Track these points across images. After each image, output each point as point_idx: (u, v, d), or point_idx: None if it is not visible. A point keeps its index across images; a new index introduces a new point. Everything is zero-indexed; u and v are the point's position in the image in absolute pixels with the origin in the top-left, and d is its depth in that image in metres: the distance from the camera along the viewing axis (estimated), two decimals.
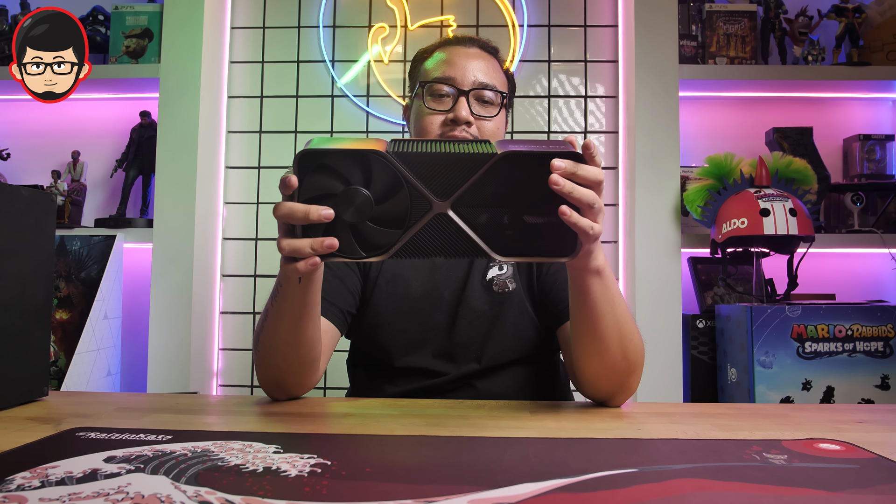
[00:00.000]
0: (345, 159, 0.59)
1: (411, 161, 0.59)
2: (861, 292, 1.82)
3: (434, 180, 0.59)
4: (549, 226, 0.61)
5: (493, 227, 0.61)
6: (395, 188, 0.60)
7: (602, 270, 0.73)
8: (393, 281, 0.99)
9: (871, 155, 1.79)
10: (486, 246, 0.60)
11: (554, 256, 0.63)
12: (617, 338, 0.77)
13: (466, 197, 0.60)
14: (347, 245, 0.61)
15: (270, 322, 0.79)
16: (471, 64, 0.98)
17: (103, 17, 1.86)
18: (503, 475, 0.48)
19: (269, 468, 0.49)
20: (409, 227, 0.60)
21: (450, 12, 1.91)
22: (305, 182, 0.60)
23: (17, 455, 0.53)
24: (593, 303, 0.74)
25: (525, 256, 0.62)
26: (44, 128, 1.95)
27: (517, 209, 0.61)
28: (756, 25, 1.80)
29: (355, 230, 0.60)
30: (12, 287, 0.75)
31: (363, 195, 0.59)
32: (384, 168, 0.59)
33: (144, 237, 1.75)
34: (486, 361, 0.96)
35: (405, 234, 0.60)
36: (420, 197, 0.60)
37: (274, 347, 0.80)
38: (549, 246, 0.62)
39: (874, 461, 0.54)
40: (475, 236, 0.60)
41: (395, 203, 0.60)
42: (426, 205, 0.60)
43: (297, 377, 0.83)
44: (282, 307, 0.77)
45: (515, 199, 0.61)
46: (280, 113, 1.92)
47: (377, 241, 0.60)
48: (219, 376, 1.88)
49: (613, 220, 1.85)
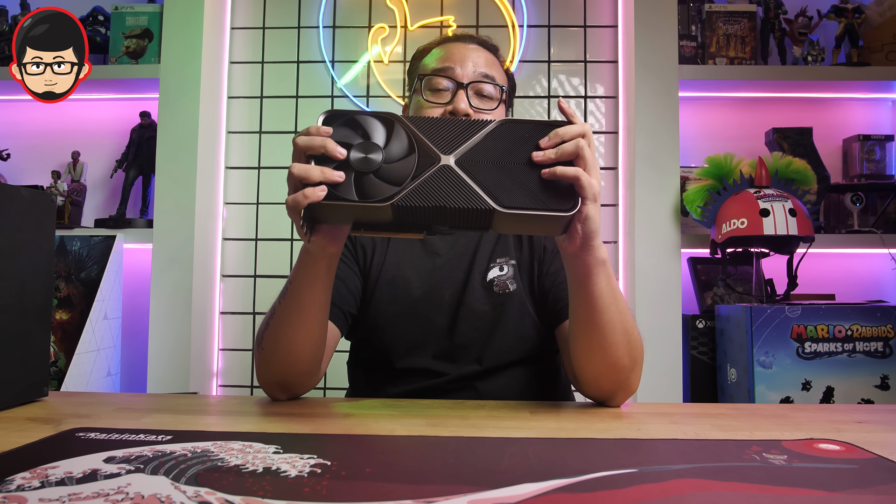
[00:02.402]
0: (363, 120, 0.67)
1: (421, 123, 0.67)
2: (861, 292, 1.82)
3: (440, 139, 0.66)
4: (547, 184, 0.66)
5: (495, 182, 0.65)
6: (406, 147, 0.66)
7: (606, 262, 0.74)
8: (393, 282, 0.99)
9: (871, 155, 1.79)
10: (489, 197, 0.64)
11: (554, 210, 0.65)
12: (621, 331, 0.77)
13: (470, 153, 0.66)
14: (357, 190, 0.65)
15: (277, 320, 0.80)
16: (470, 58, 0.98)
17: (103, 17, 1.86)
18: (503, 475, 0.48)
19: (268, 468, 0.49)
20: (416, 177, 0.64)
21: (450, 12, 1.91)
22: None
23: (17, 455, 0.53)
24: (598, 295, 0.74)
25: (524, 209, 0.65)
26: (44, 128, 1.95)
27: (519, 167, 0.66)
28: (756, 26, 1.80)
29: (368, 179, 0.65)
30: (12, 287, 0.75)
31: (375, 146, 0.65)
32: (397, 129, 0.66)
33: (144, 237, 1.75)
34: (487, 363, 0.96)
35: (412, 182, 0.64)
36: (428, 152, 0.65)
37: (279, 345, 0.80)
38: (548, 201, 0.65)
39: (874, 461, 0.54)
40: (477, 187, 0.64)
41: (405, 161, 0.65)
42: (433, 157, 0.65)
43: (299, 377, 0.83)
44: (291, 305, 0.78)
45: (517, 158, 0.66)
46: (280, 113, 1.92)
47: (386, 192, 0.64)
48: (219, 376, 1.88)
49: (613, 220, 1.85)
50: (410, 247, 1.01)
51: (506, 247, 1.00)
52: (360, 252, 1.00)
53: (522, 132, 0.67)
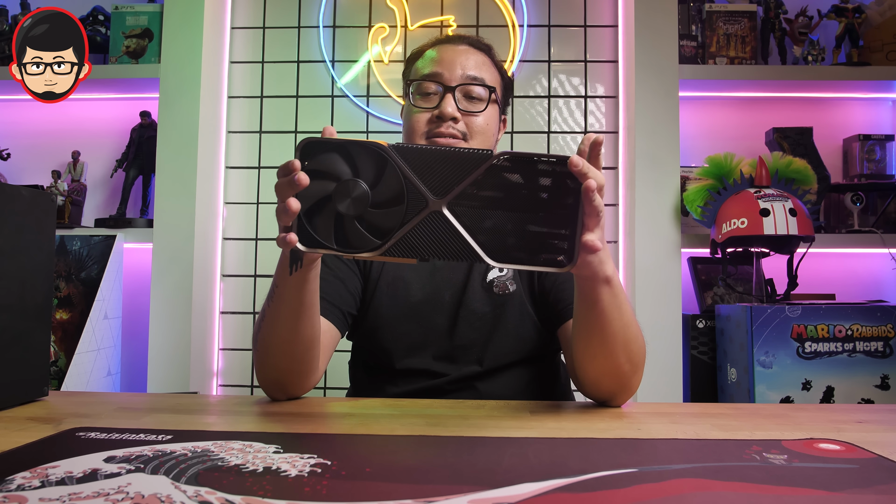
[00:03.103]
0: (345, 151, 0.60)
1: (410, 156, 0.59)
2: (861, 292, 1.82)
3: (432, 178, 0.59)
4: (546, 232, 0.61)
5: (488, 231, 0.60)
6: (393, 183, 0.59)
7: (612, 279, 0.72)
8: (393, 283, 0.99)
9: (871, 155, 1.79)
10: (481, 249, 0.60)
11: (550, 266, 0.62)
12: (623, 342, 0.77)
13: (463, 197, 0.59)
14: (341, 237, 0.60)
15: (268, 321, 0.79)
16: (458, 60, 0.98)
17: (103, 17, 1.86)
18: (503, 475, 0.48)
19: (269, 468, 0.49)
20: (405, 223, 0.59)
21: (450, 12, 1.91)
22: (304, 170, 0.60)
23: (17, 455, 0.53)
24: (601, 310, 0.74)
25: (520, 264, 0.61)
26: (44, 128, 1.95)
27: (515, 214, 0.60)
28: (756, 25, 1.80)
29: (351, 224, 0.60)
30: (12, 287, 0.75)
31: (361, 187, 0.59)
32: (383, 162, 0.59)
33: (144, 237, 1.75)
34: (487, 363, 0.96)
35: (400, 231, 0.59)
36: (417, 194, 0.59)
37: (272, 346, 0.80)
38: (545, 255, 0.61)
39: (874, 461, 0.54)
40: (469, 238, 0.60)
41: (391, 199, 0.59)
42: (422, 202, 0.59)
43: (295, 377, 0.83)
44: (279, 307, 0.77)
45: (513, 204, 0.60)
46: (280, 113, 1.92)
47: (372, 242, 0.60)
48: (219, 376, 1.88)
49: (613, 220, 1.85)
50: None
51: None
52: None
53: (519, 171, 0.60)
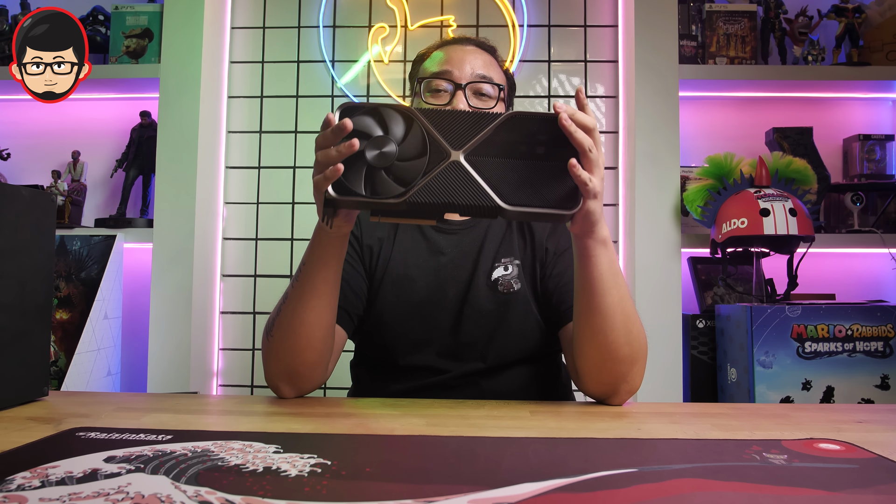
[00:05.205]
0: (377, 113, 0.69)
1: (434, 117, 0.69)
2: (861, 292, 1.82)
3: (451, 134, 0.68)
4: (552, 180, 0.69)
5: (501, 179, 0.68)
6: (417, 140, 0.68)
7: (607, 241, 0.77)
8: (398, 281, 0.99)
9: (871, 155, 1.78)
10: (494, 193, 0.67)
11: (557, 209, 0.69)
12: (621, 315, 0.79)
13: (479, 150, 0.68)
14: (370, 187, 0.68)
15: (290, 302, 0.82)
16: (468, 59, 1.00)
17: (103, 17, 1.86)
18: (503, 475, 0.48)
19: (269, 468, 0.49)
20: (427, 173, 0.68)
21: (450, 12, 1.91)
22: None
23: (17, 455, 0.53)
24: (599, 275, 0.77)
25: (530, 207, 0.68)
26: (44, 128, 1.95)
27: (524, 163, 0.69)
28: (756, 25, 1.80)
29: (379, 175, 0.68)
30: (12, 287, 0.75)
31: (390, 142, 0.68)
32: (409, 122, 0.69)
33: (144, 237, 1.75)
34: (491, 361, 0.97)
35: (423, 178, 0.67)
36: (438, 147, 0.68)
37: (291, 328, 0.82)
38: (552, 199, 0.68)
39: (874, 461, 0.54)
40: (484, 184, 0.67)
41: (416, 153, 0.68)
42: (443, 154, 0.68)
43: (307, 366, 0.84)
44: (303, 285, 0.81)
45: (523, 155, 0.69)
46: (280, 113, 1.92)
47: (398, 188, 0.67)
48: (219, 376, 1.88)
49: (613, 220, 1.85)
50: (415, 245, 1.02)
51: (510, 246, 1.01)
52: (366, 252, 1.01)
53: (530, 126, 0.69)
